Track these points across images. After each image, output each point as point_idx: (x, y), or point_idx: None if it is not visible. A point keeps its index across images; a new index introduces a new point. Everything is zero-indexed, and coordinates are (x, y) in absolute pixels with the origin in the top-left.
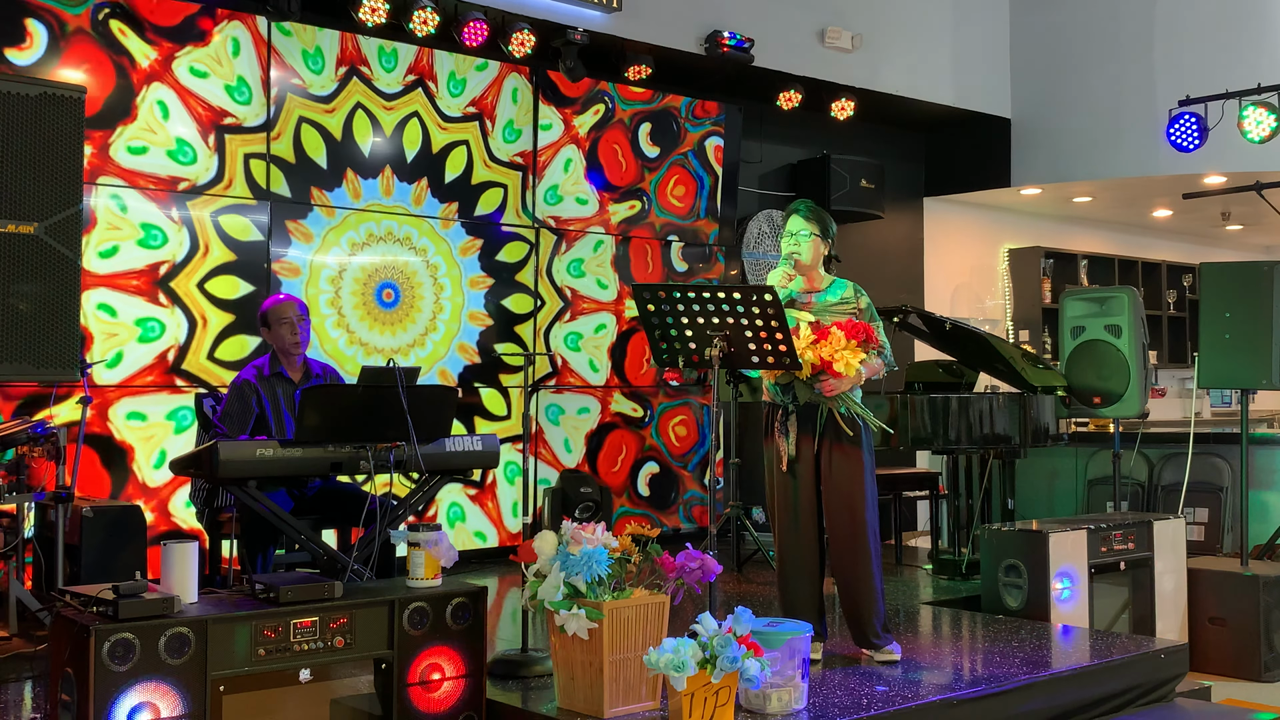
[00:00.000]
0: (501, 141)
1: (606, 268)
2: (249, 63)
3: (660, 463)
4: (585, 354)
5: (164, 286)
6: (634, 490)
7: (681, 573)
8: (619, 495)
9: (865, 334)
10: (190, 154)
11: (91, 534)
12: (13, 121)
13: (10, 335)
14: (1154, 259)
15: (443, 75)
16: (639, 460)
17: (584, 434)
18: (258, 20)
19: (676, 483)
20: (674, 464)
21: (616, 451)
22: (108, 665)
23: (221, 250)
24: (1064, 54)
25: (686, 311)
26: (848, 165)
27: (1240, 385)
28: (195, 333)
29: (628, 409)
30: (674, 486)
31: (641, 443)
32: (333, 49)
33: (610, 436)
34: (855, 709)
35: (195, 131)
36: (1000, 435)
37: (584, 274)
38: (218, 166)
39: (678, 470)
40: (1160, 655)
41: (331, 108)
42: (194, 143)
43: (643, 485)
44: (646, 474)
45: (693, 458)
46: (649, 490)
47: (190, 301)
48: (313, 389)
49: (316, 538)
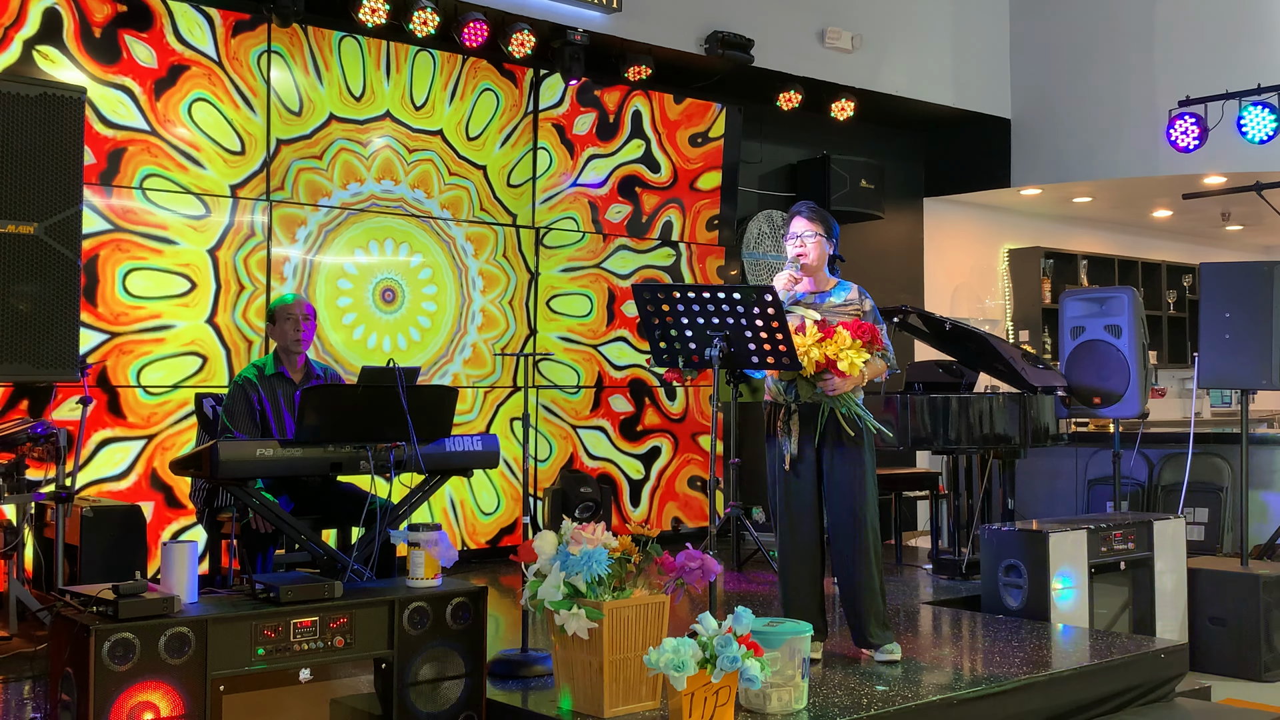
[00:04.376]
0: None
1: None
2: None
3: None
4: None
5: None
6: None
7: (681, 573)
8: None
9: (871, 335)
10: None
11: (91, 534)
12: (13, 121)
13: (10, 335)
14: (1154, 259)
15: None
16: None
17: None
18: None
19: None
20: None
21: None
22: (108, 665)
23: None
24: (1064, 54)
25: (686, 311)
26: (848, 165)
27: (1240, 385)
28: None
29: None
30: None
31: None
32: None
33: None
34: (855, 709)
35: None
36: (1000, 435)
37: None
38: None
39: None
40: (1160, 655)
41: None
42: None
43: None
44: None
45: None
46: None
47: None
48: (313, 389)
49: (316, 538)
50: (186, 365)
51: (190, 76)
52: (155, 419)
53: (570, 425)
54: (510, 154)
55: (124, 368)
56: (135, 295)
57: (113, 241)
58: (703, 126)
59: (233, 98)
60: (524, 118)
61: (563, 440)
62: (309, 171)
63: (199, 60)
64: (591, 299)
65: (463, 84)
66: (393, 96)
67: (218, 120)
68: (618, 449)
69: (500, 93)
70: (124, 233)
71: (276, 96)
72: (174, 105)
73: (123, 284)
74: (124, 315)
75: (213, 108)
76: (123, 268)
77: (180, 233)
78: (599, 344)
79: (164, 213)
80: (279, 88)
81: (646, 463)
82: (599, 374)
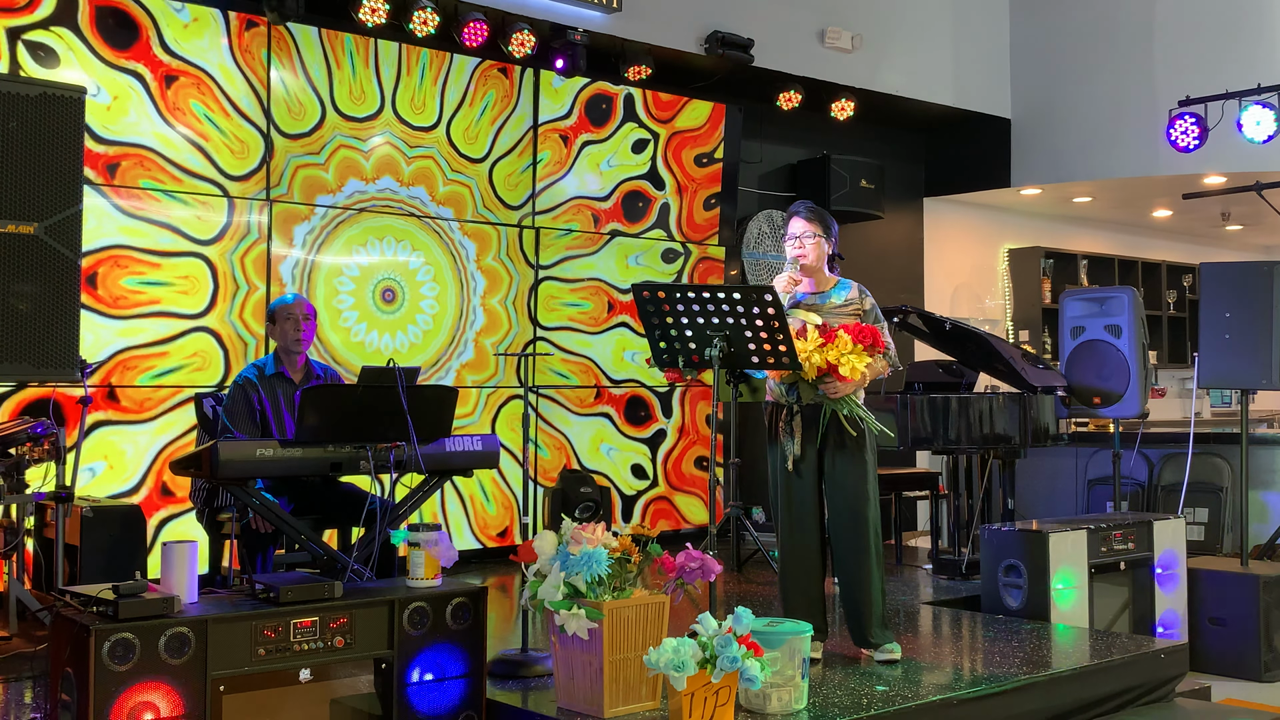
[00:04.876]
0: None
1: None
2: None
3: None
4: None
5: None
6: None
7: (681, 573)
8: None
9: (872, 337)
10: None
11: (91, 534)
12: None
13: (10, 335)
14: (1154, 259)
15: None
16: None
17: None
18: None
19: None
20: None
21: None
22: (108, 665)
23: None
24: (1064, 54)
25: (686, 311)
26: (848, 165)
27: (1240, 385)
28: None
29: None
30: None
31: None
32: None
33: None
34: (855, 709)
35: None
36: (1000, 435)
37: None
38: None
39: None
40: (1160, 655)
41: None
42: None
43: None
44: None
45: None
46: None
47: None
48: (313, 389)
49: (316, 538)
50: (185, 364)
51: (190, 75)
52: (149, 404)
53: (575, 414)
54: (511, 153)
55: (128, 369)
56: (134, 292)
57: (112, 243)
58: (709, 147)
59: (233, 97)
60: (524, 117)
61: (557, 450)
62: (308, 168)
63: (199, 59)
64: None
65: (463, 83)
66: (392, 95)
67: (217, 120)
68: (622, 433)
69: (500, 92)
70: (123, 233)
71: (276, 95)
72: (174, 104)
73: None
74: (124, 299)
75: (213, 107)
76: (121, 267)
77: (178, 232)
78: (600, 331)
79: (162, 211)
80: (278, 87)
81: (652, 446)
82: (596, 386)
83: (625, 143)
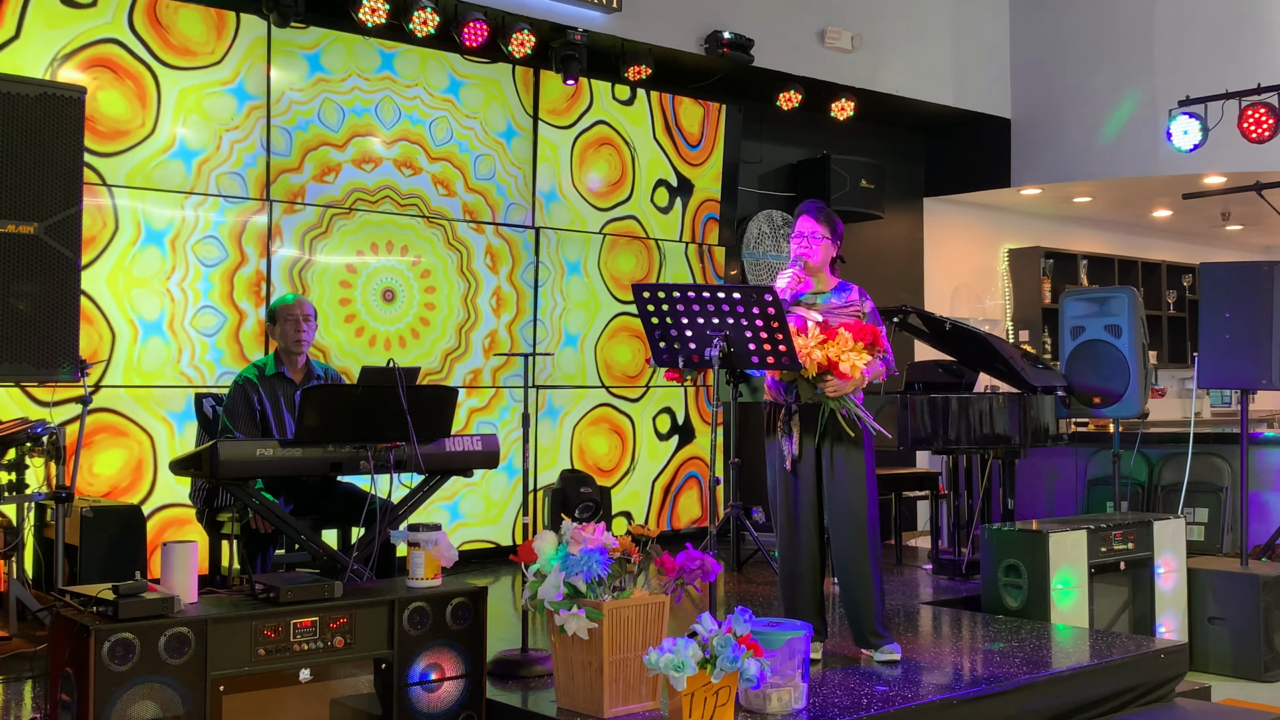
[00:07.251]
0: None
1: None
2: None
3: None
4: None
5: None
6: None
7: (681, 573)
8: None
9: (873, 336)
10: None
11: (91, 534)
12: (13, 121)
13: (10, 335)
14: (1154, 259)
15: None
16: None
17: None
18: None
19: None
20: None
21: None
22: (108, 665)
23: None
24: (1064, 54)
25: (686, 311)
26: (848, 165)
27: (1240, 385)
28: None
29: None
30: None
31: None
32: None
33: None
34: (855, 709)
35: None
36: (1000, 435)
37: None
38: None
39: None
40: (1160, 655)
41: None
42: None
43: None
44: None
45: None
46: None
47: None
48: (313, 389)
49: (316, 538)
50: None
51: (190, 75)
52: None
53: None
54: (510, 152)
55: (125, 370)
56: (133, 290)
57: (111, 242)
58: (709, 147)
59: (232, 96)
60: (524, 117)
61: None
62: (308, 169)
63: (199, 58)
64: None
65: (463, 83)
66: (393, 96)
67: (218, 119)
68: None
69: (500, 92)
70: (120, 230)
71: (279, 94)
72: (173, 103)
73: (120, 280)
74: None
75: (212, 106)
76: (120, 264)
77: (176, 231)
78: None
79: (161, 210)
80: (278, 87)
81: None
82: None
83: (626, 142)
